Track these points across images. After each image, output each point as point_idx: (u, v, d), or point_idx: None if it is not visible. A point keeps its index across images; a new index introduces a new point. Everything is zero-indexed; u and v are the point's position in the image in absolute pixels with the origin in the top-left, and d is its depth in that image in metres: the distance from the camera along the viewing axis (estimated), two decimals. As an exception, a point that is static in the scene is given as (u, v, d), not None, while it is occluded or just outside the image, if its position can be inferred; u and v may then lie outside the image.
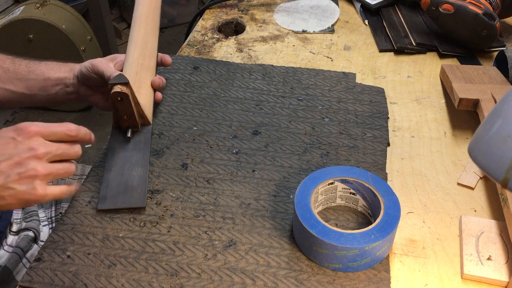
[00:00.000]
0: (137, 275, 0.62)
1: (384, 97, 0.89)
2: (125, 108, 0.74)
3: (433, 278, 0.62)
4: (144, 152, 0.76)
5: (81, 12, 2.20)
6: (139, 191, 0.71)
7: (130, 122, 0.77)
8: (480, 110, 0.78)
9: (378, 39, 1.05)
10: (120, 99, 0.72)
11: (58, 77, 0.81)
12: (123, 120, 0.76)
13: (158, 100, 0.84)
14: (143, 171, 0.73)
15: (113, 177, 0.73)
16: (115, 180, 0.72)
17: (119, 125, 0.78)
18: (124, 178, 0.72)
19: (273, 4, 1.19)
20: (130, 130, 0.77)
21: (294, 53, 1.02)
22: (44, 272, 0.62)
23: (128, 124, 0.77)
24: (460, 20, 0.95)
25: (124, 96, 0.72)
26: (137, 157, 0.75)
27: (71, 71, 0.82)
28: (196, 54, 1.01)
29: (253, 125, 0.83)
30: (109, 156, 0.75)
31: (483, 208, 0.70)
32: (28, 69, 0.81)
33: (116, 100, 0.72)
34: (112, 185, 0.72)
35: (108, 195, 0.70)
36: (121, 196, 0.70)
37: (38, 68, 0.82)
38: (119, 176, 0.73)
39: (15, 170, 0.58)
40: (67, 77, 0.81)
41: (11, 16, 1.97)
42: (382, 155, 0.77)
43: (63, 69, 0.82)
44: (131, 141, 0.77)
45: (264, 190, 0.72)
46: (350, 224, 0.68)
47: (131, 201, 0.70)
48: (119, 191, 0.71)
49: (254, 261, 0.63)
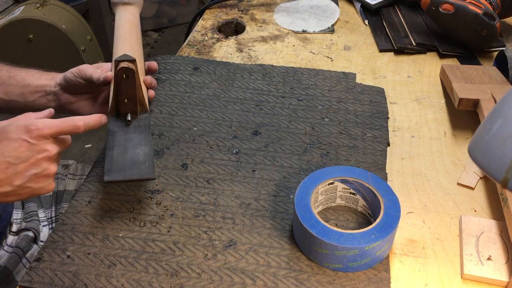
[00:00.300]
0: (137, 275, 0.62)
1: (384, 97, 0.89)
2: (129, 87, 0.73)
3: (433, 278, 0.62)
4: (145, 134, 0.74)
5: (81, 12, 2.20)
6: (147, 165, 0.68)
7: (130, 107, 0.75)
8: (480, 110, 0.78)
9: (378, 39, 1.05)
10: (126, 76, 0.71)
11: (38, 84, 0.81)
12: (123, 104, 0.74)
13: (151, 97, 0.83)
14: (148, 148, 0.71)
15: (117, 153, 0.70)
16: (119, 156, 0.70)
17: (117, 113, 0.76)
18: (129, 155, 0.70)
19: (273, 4, 1.19)
20: (130, 114, 0.75)
21: (294, 53, 1.02)
22: (44, 272, 0.62)
23: (128, 109, 0.75)
24: (460, 20, 0.95)
25: (131, 72, 0.71)
26: (139, 138, 0.73)
27: (53, 79, 0.81)
28: (196, 54, 1.01)
29: (253, 125, 0.83)
30: (110, 139, 0.73)
31: (483, 208, 0.70)
32: (9, 74, 0.81)
33: (121, 79, 0.72)
34: (117, 160, 0.69)
35: (113, 168, 0.68)
36: (128, 169, 0.68)
37: (18, 74, 0.81)
38: (123, 153, 0.70)
39: (31, 171, 0.61)
40: (47, 85, 0.81)
41: (11, 16, 1.97)
42: (382, 155, 0.77)
43: (44, 77, 0.82)
44: (131, 125, 0.75)
45: (264, 190, 0.72)
46: (350, 224, 0.68)
47: (140, 173, 0.67)
48: (125, 165, 0.68)
49: (254, 261, 0.63)
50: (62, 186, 0.92)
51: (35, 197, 0.87)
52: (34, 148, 0.61)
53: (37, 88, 0.81)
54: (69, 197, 0.89)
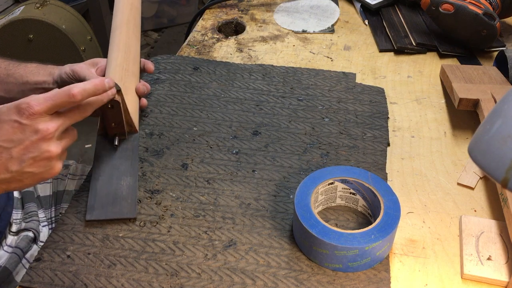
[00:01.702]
0: (137, 275, 0.62)
1: (384, 97, 0.89)
2: (114, 115, 0.72)
3: (433, 278, 0.62)
4: (132, 160, 0.74)
5: (81, 12, 2.20)
6: (130, 201, 0.69)
7: (118, 130, 0.75)
8: (480, 110, 0.78)
9: (378, 39, 1.05)
10: (111, 106, 0.70)
11: (37, 81, 0.80)
12: (110, 127, 0.74)
13: (143, 107, 0.83)
14: (132, 180, 0.72)
15: (101, 186, 0.71)
16: (103, 189, 0.70)
17: (105, 132, 0.76)
18: (113, 188, 0.71)
19: (273, 4, 1.19)
20: (117, 137, 0.75)
21: (294, 53, 1.02)
22: (44, 272, 0.62)
23: (116, 132, 0.75)
24: (460, 20, 0.95)
25: (115, 103, 0.70)
26: (125, 166, 0.73)
27: (50, 75, 0.80)
28: (196, 54, 1.01)
29: (253, 125, 0.83)
30: (96, 165, 0.73)
31: (483, 208, 0.70)
32: (7, 71, 0.80)
33: (106, 107, 0.70)
34: (100, 195, 0.70)
35: (96, 205, 0.69)
36: (111, 206, 0.69)
37: (17, 71, 0.80)
38: (108, 186, 0.71)
39: (28, 155, 0.57)
40: (46, 81, 0.80)
41: (11, 16, 1.97)
42: (382, 155, 0.77)
43: (42, 72, 0.81)
44: (118, 149, 0.75)
45: (264, 190, 0.72)
46: (350, 224, 0.68)
47: (122, 212, 0.68)
48: (108, 201, 0.69)
49: (254, 261, 0.63)
50: (62, 186, 0.92)
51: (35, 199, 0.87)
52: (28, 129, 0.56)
53: (36, 85, 0.80)
54: (69, 197, 0.89)
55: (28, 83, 0.80)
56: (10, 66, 0.81)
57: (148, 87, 0.83)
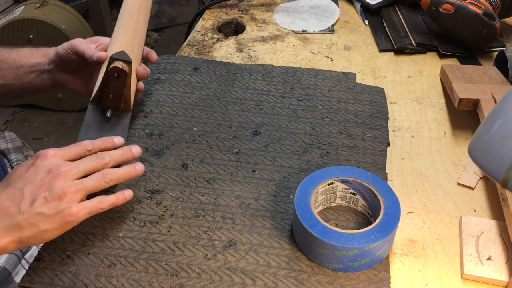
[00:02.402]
0: (137, 275, 0.62)
1: (384, 97, 0.89)
2: (117, 87, 0.70)
3: (433, 278, 0.62)
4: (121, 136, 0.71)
5: (81, 12, 2.21)
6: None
7: (113, 103, 0.72)
8: (480, 110, 0.78)
9: (378, 39, 1.05)
10: (117, 76, 0.68)
11: (31, 64, 0.78)
12: (107, 98, 0.72)
13: (140, 89, 0.82)
14: None
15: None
16: None
17: (99, 103, 0.73)
18: None
19: (273, 4, 1.19)
20: (110, 110, 0.73)
21: (294, 53, 1.02)
22: (44, 272, 0.62)
23: (110, 105, 0.73)
24: (460, 20, 0.95)
25: (123, 74, 0.68)
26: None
27: (46, 56, 0.79)
28: (196, 54, 1.01)
29: (253, 126, 0.83)
30: (83, 132, 0.70)
31: (483, 208, 0.70)
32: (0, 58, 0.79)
33: (111, 76, 0.68)
34: None
35: None
36: None
37: (10, 56, 0.79)
38: None
39: (40, 194, 0.55)
40: (40, 63, 0.79)
41: (11, 16, 1.97)
42: (382, 155, 0.77)
43: (35, 55, 0.80)
44: (108, 123, 0.73)
45: (264, 190, 0.72)
46: (350, 224, 0.68)
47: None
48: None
49: (254, 261, 0.63)
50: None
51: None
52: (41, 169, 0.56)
53: (31, 68, 0.79)
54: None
55: (22, 66, 0.79)
56: (2, 52, 0.80)
57: (148, 70, 0.82)
